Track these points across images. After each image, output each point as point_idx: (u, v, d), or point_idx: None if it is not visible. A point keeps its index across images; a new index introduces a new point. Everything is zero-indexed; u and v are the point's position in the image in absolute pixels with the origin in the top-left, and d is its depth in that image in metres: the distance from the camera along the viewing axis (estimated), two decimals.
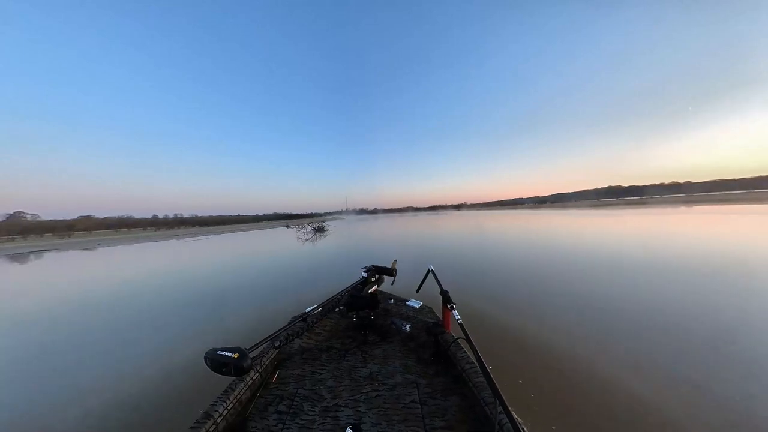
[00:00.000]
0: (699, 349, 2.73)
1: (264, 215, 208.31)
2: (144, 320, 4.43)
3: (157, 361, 3.12)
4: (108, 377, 2.90)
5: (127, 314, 4.77)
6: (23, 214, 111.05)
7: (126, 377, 2.87)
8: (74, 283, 8.35)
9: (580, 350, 2.83)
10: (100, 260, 14.85)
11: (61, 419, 2.33)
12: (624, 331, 3.15)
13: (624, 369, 2.48)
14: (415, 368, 1.84)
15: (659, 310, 3.65)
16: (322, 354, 2.14)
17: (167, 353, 3.29)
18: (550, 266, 6.31)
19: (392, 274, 3.05)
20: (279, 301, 4.83)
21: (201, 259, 11.85)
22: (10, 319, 5.05)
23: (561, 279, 5.24)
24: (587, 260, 6.75)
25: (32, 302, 6.12)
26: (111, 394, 2.61)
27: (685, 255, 6.64)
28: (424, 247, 11.14)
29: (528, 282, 5.15)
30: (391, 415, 1.46)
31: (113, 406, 2.44)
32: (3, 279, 10.56)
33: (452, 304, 2.00)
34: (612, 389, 2.24)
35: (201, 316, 4.46)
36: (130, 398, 2.53)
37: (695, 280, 4.74)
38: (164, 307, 4.95)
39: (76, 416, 2.35)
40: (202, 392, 2.43)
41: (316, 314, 2.29)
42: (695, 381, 2.27)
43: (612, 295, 4.26)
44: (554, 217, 27.68)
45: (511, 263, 6.93)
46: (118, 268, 11.15)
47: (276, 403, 1.61)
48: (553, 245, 9.44)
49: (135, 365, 3.09)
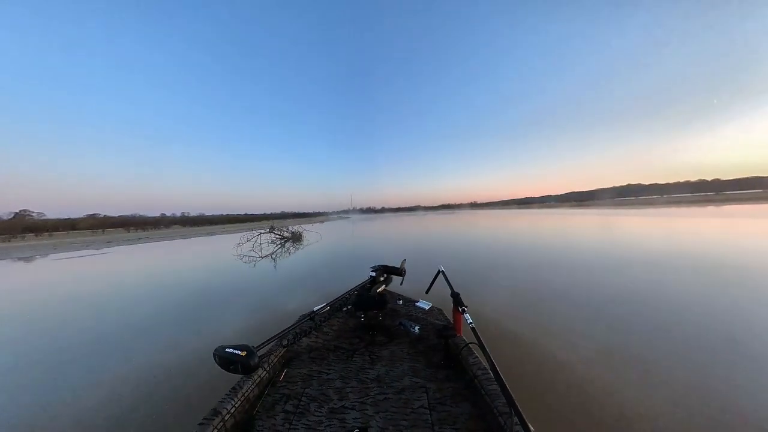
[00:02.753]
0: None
1: (272, 214, 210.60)
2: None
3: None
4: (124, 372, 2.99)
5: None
6: (29, 213, 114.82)
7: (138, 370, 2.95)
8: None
9: (608, 374, 2.48)
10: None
11: (81, 407, 2.47)
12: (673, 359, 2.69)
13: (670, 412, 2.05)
14: (424, 372, 1.83)
15: (707, 326, 3.25)
16: (329, 354, 2.16)
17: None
18: (576, 271, 6.12)
19: (401, 274, 3.07)
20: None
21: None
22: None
23: (591, 286, 5.01)
24: (615, 263, 6.58)
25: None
26: (126, 387, 2.71)
27: (728, 263, 6.30)
28: (434, 247, 11.08)
29: (554, 289, 4.95)
30: (398, 420, 1.45)
31: (127, 398, 2.53)
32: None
33: (464, 306, 1.97)
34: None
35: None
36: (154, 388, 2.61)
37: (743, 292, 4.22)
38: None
39: (97, 402, 2.50)
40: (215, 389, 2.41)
41: (324, 313, 2.32)
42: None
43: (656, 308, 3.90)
44: (574, 216, 27.05)
45: (530, 266, 6.81)
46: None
47: (283, 402, 1.64)
48: (579, 248, 9.17)
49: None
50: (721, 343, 2.90)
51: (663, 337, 3.11)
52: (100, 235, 56.26)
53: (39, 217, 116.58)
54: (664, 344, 2.95)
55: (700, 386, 2.28)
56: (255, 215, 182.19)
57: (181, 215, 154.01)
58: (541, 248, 9.35)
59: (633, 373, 2.50)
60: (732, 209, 26.81)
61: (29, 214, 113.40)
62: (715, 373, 2.45)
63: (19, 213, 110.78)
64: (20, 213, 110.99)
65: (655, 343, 2.97)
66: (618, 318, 3.62)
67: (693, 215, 21.36)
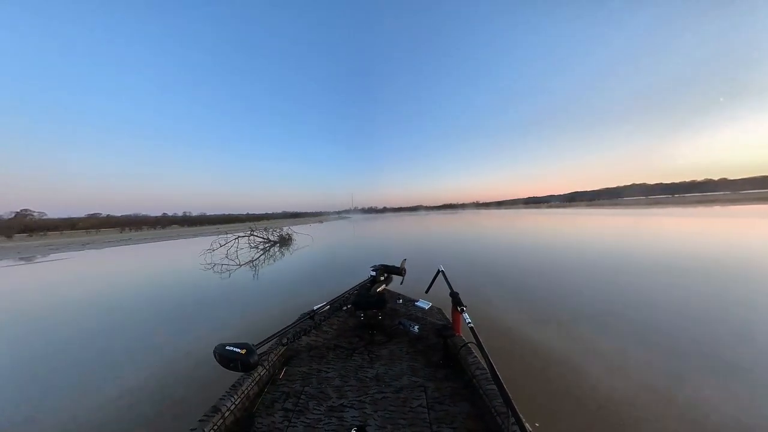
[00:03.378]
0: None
1: (273, 214, 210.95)
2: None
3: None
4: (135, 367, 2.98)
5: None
6: (30, 212, 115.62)
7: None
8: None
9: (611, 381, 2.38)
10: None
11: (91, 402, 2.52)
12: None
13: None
14: (423, 371, 1.85)
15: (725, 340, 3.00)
16: (329, 352, 2.19)
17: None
18: (576, 272, 6.11)
19: (401, 274, 3.09)
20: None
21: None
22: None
23: (592, 287, 4.99)
24: (621, 266, 6.57)
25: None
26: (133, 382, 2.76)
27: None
28: (434, 247, 11.10)
29: (553, 290, 4.96)
30: (397, 419, 1.47)
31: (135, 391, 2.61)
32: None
33: (463, 306, 1.98)
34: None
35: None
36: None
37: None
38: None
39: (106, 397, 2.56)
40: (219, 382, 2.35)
41: (324, 312, 2.35)
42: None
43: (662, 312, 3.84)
44: (579, 217, 26.86)
45: (529, 267, 6.82)
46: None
47: (282, 400, 1.66)
48: (579, 248, 9.15)
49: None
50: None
51: (674, 345, 2.96)
52: (95, 235, 55.45)
53: (40, 217, 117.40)
54: (674, 350, 2.85)
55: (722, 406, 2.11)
56: (256, 215, 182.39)
57: (182, 215, 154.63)
58: (543, 249, 9.34)
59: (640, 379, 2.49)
60: (740, 209, 26.67)
61: (30, 214, 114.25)
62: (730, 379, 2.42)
63: (20, 213, 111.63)
64: (21, 213, 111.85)
65: (666, 350, 2.89)
66: (628, 321, 3.58)
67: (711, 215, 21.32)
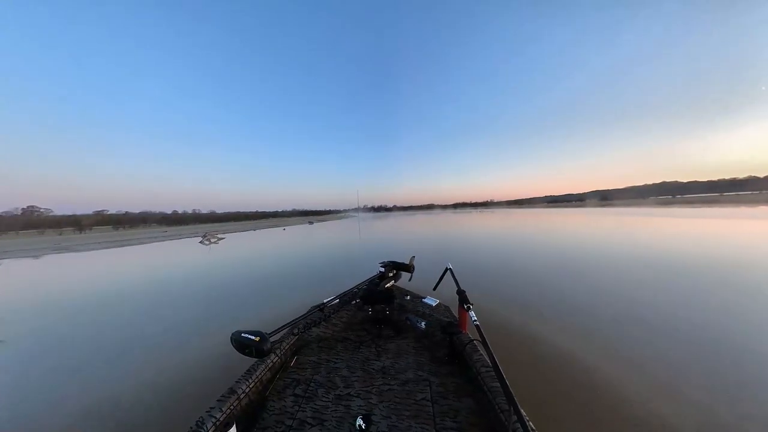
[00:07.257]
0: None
1: (283, 212, 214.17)
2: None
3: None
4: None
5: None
6: (37, 209, 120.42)
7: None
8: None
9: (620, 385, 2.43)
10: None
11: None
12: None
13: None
14: (428, 366, 1.97)
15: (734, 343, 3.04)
16: (337, 344, 2.33)
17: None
18: (586, 274, 6.14)
19: (409, 271, 3.21)
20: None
21: None
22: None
23: (601, 289, 5.04)
24: (634, 268, 6.55)
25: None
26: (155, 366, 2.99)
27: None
28: (443, 245, 11.19)
29: (561, 291, 5.02)
30: (401, 410, 1.59)
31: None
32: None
33: (469, 304, 2.05)
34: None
35: None
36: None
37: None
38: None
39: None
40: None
41: (334, 305, 2.50)
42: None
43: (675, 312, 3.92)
44: (595, 216, 26.57)
45: (538, 268, 6.85)
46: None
47: (293, 386, 1.82)
48: (593, 250, 9.12)
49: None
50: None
51: (685, 347, 3.01)
52: (88, 233, 57.14)
53: (46, 213, 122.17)
54: (683, 354, 2.90)
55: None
56: (266, 212, 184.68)
57: (192, 212, 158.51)
58: (555, 249, 9.30)
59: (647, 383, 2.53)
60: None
61: (37, 210, 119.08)
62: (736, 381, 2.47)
63: (27, 209, 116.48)
64: (28, 209, 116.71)
65: (676, 351, 2.94)
66: (635, 322, 3.63)
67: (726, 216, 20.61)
